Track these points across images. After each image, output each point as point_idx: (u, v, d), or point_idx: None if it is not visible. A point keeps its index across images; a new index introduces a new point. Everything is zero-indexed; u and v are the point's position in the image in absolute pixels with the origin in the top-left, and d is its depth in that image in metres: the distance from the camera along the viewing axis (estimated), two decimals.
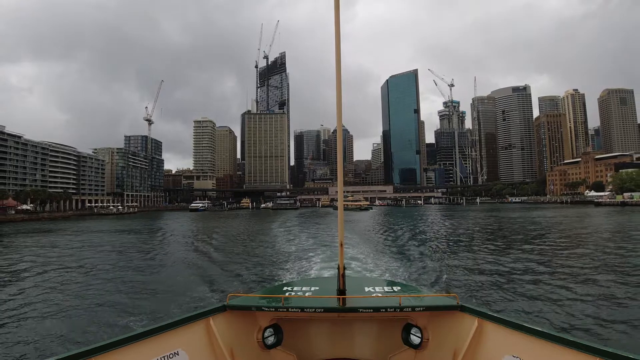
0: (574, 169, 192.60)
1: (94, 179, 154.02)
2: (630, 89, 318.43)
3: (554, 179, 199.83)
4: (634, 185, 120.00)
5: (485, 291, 12.90)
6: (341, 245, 4.75)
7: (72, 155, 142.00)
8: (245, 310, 4.26)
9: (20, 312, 11.84)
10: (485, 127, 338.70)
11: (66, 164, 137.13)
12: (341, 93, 4.44)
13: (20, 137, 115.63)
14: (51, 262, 22.46)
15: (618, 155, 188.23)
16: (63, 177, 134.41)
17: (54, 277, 17.81)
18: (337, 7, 4.37)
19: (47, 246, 32.05)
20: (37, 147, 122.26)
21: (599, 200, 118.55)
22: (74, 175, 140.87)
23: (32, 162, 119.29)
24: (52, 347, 8.98)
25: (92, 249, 29.59)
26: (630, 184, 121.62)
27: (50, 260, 23.25)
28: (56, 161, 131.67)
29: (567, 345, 2.87)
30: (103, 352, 2.88)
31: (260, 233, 41.77)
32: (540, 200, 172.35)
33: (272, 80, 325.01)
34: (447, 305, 4.13)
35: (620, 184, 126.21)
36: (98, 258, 24.21)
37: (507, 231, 37.39)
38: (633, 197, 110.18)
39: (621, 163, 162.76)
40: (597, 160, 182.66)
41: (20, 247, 31.74)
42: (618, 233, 32.41)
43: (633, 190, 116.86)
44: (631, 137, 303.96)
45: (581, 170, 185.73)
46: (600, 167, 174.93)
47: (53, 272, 19.02)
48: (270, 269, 18.20)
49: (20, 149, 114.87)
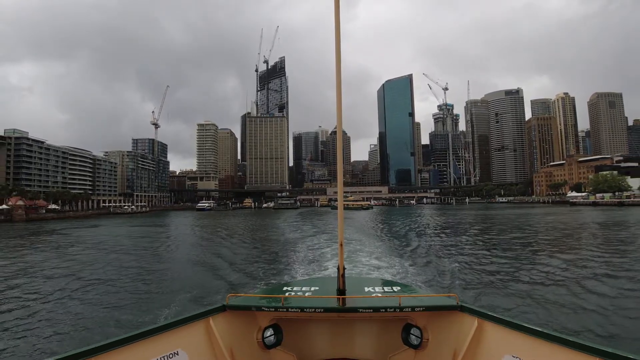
0: (559, 171, 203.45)
1: (108, 180, 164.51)
2: (619, 93, 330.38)
3: (540, 180, 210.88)
4: (607, 186, 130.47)
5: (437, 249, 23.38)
6: (341, 245, 4.78)
7: (88, 159, 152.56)
8: (245, 310, 4.28)
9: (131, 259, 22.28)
10: (478, 129, 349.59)
11: (83, 166, 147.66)
12: (341, 94, 4.46)
13: (43, 142, 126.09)
14: (127, 242, 32.91)
15: (599, 157, 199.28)
16: (81, 179, 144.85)
17: (132, 250, 28.28)
18: (337, 7, 4.41)
19: (107, 234, 42.40)
20: (58, 152, 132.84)
21: (574, 200, 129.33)
22: (90, 177, 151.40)
23: (54, 165, 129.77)
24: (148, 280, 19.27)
25: (149, 234, 39.96)
26: (603, 185, 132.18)
27: (126, 240, 33.71)
28: (74, 164, 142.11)
29: (566, 345, 2.90)
30: (103, 352, 2.91)
31: (272, 226, 52.31)
32: (525, 200, 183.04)
33: (272, 84, 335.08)
34: (446, 305, 4.17)
35: (595, 185, 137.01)
36: (156, 237, 34.65)
37: (467, 221, 48.04)
38: (604, 198, 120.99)
39: (601, 165, 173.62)
40: (580, 163, 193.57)
41: (88, 236, 42.01)
42: (547, 224, 43.06)
43: (606, 192, 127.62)
44: (619, 139, 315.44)
45: (565, 172, 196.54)
46: (583, 169, 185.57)
47: (128, 247, 29.48)
48: (287, 246, 28.64)
49: (44, 153, 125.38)
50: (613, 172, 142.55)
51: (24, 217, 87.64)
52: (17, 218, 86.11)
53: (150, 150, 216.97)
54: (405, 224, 50.49)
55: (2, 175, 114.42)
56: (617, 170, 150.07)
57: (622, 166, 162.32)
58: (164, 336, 3.45)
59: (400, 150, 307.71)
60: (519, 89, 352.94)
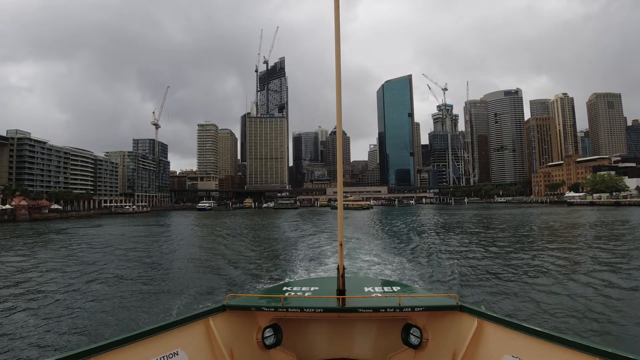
0: (557, 171, 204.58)
1: (109, 180, 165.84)
2: (618, 93, 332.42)
3: (538, 180, 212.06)
4: (604, 187, 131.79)
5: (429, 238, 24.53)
6: (341, 245, 4.77)
7: (90, 159, 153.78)
8: (244, 310, 4.30)
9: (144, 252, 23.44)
10: (477, 129, 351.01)
11: (84, 166, 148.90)
12: (341, 94, 4.46)
13: (46, 142, 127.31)
14: (137, 238, 34.05)
15: (597, 158, 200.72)
16: (82, 179, 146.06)
17: (142, 245, 29.38)
18: (337, 7, 4.43)
19: (115, 232, 43.52)
20: (60, 152, 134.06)
21: (571, 200, 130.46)
22: (91, 177, 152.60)
23: (56, 165, 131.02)
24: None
25: (155, 233, 41.08)
26: (601, 185, 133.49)
27: (135, 237, 34.84)
28: (76, 164, 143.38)
29: (566, 345, 2.90)
30: (102, 352, 2.92)
31: (272, 225, 53.41)
32: (523, 200, 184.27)
33: (271, 84, 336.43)
34: (446, 306, 4.18)
35: (592, 185, 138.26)
36: (166, 235, 35.78)
37: (457, 220, 49.19)
38: (601, 198, 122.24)
39: (599, 166, 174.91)
40: (578, 163, 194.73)
41: (91, 235, 43.11)
42: (532, 222, 44.22)
43: (603, 191, 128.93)
44: (618, 139, 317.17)
45: (563, 172, 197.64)
46: (581, 169, 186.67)
47: (138, 243, 30.60)
48: (289, 242, 29.77)
49: (46, 153, 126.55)
50: (610, 173, 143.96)
51: (27, 217, 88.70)
52: (21, 218, 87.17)
53: (151, 150, 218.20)
54: (406, 222, 51.64)
55: (5, 175, 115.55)
56: (615, 171, 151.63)
57: (619, 166, 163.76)
58: (163, 336, 3.48)
59: (399, 151, 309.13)
60: (518, 90, 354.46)
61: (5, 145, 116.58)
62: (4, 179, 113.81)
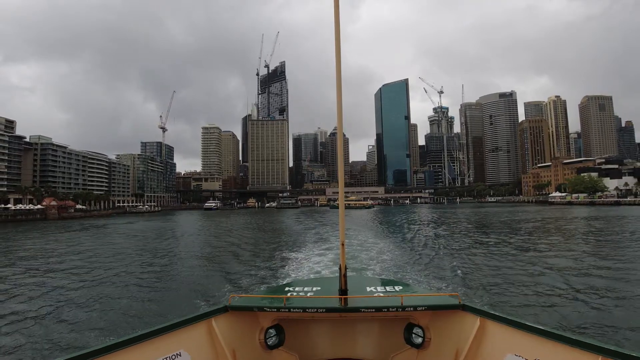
0: (545, 172, 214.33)
1: (122, 181, 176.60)
2: (609, 96, 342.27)
3: (528, 180, 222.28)
4: (583, 187, 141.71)
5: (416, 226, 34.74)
6: (342, 245, 4.75)
7: (105, 162, 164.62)
8: (247, 310, 4.30)
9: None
10: (473, 131, 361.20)
11: (100, 169, 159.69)
12: (341, 94, 4.47)
13: (66, 147, 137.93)
14: (172, 229, 44.31)
15: (583, 160, 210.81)
16: (99, 181, 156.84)
17: (177, 234, 39.65)
18: (337, 7, 4.46)
19: (149, 226, 53.67)
20: (79, 156, 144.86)
21: (552, 200, 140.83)
22: (106, 178, 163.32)
23: (75, 168, 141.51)
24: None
25: (178, 226, 51.21)
26: (580, 186, 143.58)
27: (171, 228, 45.11)
28: (93, 167, 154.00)
29: (569, 343, 2.89)
30: (105, 354, 2.93)
31: (278, 221, 63.67)
32: (512, 200, 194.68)
33: (272, 87, 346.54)
34: (449, 305, 4.18)
35: (573, 186, 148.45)
36: (194, 226, 45.99)
37: (445, 215, 59.41)
38: (579, 198, 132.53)
39: (584, 167, 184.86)
40: (564, 165, 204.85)
41: (134, 229, 53.13)
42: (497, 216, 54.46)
43: (582, 192, 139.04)
44: (609, 140, 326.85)
45: (551, 173, 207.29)
46: (567, 170, 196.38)
47: (173, 232, 40.87)
48: (294, 237, 39.92)
49: (67, 157, 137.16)
50: (591, 174, 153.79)
51: (57, 216, 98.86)
52: (51, 217, 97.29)
53: (158, 152, 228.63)
54: (400, 218, 61.77)
55: (29, 178, 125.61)
56: (598, 172, 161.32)
57: (602, 168, 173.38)
58: (166, 337, 3.49)
59: (396, 152, 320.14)
60: (513, 92, 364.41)
61: (29, 150, 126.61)
62: (29, 181, 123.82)
